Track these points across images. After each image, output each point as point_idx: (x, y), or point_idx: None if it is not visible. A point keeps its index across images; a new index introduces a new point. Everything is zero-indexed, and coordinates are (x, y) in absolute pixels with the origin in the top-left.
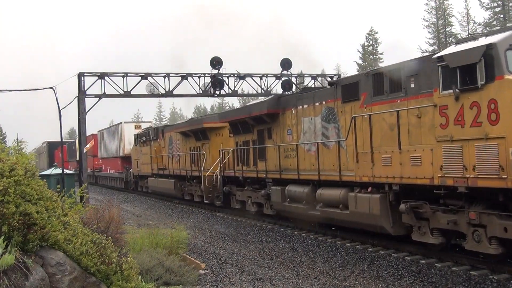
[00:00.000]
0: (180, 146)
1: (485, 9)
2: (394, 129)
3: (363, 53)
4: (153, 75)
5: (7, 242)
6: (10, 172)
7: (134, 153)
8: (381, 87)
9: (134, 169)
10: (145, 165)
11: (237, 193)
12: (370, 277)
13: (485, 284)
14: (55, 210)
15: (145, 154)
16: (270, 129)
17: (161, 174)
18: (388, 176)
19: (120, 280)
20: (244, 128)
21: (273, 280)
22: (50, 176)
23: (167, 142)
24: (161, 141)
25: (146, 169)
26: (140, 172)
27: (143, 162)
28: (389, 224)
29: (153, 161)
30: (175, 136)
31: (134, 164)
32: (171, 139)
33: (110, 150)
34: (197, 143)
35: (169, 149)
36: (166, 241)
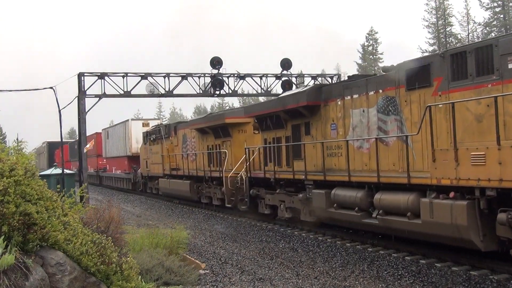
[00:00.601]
0: (196, 144)
1: (485, 9)
2: (482, 120)
3: (363, 53)
4: (153, 75)
5: (7, 242)
6: (10, 172)
7: (142, 152)
8: (463, 69)
9: (143, 169)
10: (155, 165)
11: (266, 196)
12: (370, 277)
13: (485, 284)
14: (55, 210)
15: (155, 153)
16: (308, 124)
17: (174, 175)
18: (481, 179)
19: (120, 280)
20: (275, 123)
21: (273, 280)
22: (50, 176)
23: (181, 140)
24: (174, 139)
25: (156, 169)
26: (150, 173)
27: (153, 161)
28: (479, 238)
29: (164, 160)
30: (190, 133)
31: (143, 164)
32: (185, 137)
33: (115, 149)
34: (216, 141)
35: (183, 147)
36: (166, 241)
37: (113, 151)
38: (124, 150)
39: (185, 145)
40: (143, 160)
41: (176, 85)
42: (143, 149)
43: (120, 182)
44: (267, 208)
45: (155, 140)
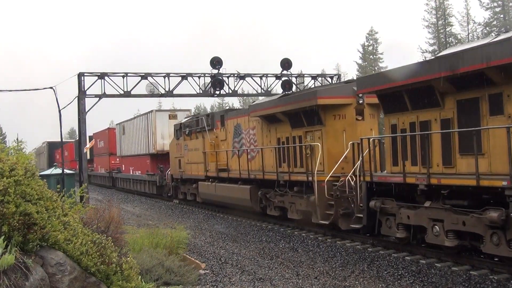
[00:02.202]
0: (258, 137)
1: (485, 9)
2: None
3: (363, 53)
4: (153, 75)
5: (7, 242)
6: (10, 172)
7: (173, 149)
8: None
9: (174, 170)
10: (193, 164)
11: (402, 212)
12: (370, 277)
13: (485, 284)
14: (55, 210)
15: (193, 150)
16: (497, 96)
17: (223, 177)
18: None
19: (120, 280)
20: (419, 98)
21: (273, 280)
22: (50, 176)
23: (231, 132)
24: (221, 132)
25: (194, 170)
26: (184, 174)
27: (189, 160)
28: None
29: (208, 159)
30: (246, 123)
31: (174, 163)
32: (239, 128)
33: (134, 147)
34: (294, 131)
35: (235, 142)
36: (166, 241)
37: (130, 149)
38: (146, 147)
39: (238, 138)
40: (174, 159)
41: (176, 85)
42: (174, 145)
43: (140, 185)
44: (400, 230)
45: (193, 134)
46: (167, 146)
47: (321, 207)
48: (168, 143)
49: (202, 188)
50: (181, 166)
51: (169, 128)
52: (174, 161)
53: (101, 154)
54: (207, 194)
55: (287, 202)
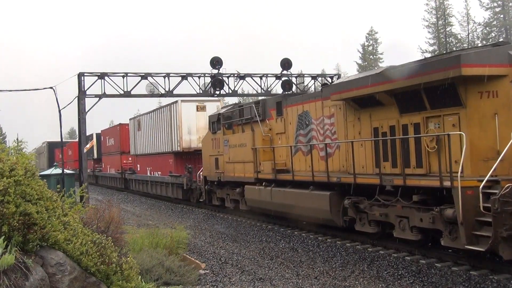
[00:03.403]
0: (340, 127)
1: (485, 9)
2: None
3: (363, 53)
4: (153, 75)
5: (7, 242)
6: (10, 172)
7: (207, 145)
8: None
9: (209, 171)
10: (236, 164)
11: None
12: (370, 277)
13: (485, 284)
14: (55, 210)
15: (236, 147)
16: None
17: (282, 180)
18: None
19: (120, 280)
20: None
21: (273, 280)
22: (50, 176)
23: (293, 123)
24: (276, 123)
25: (238, 171)
26: (224, 176)
27: (231, 159)
28: None
29: (259, 157)
30: (319, 110)
31: (209, 163)
32: (306, 117)
33: (153, 144)
34: (407, 118)
35: (300, 135)
36: (166, 241)
37: (148, 147)
38: (169, 145)
39: (305, 130)
40: (208, 158)
41: (176, 85)
42: (209, 141)
43: (162, 188)
44: None
45: (236, 127)
46: (195, 143)
47: (467, 225)
48: (195, 139)
49: (250, 193)
50: (219, 166)
51: (197, 122)
52: (208, 160)
53: (111, 153)
54: (258, 201)
55: (394, 215)
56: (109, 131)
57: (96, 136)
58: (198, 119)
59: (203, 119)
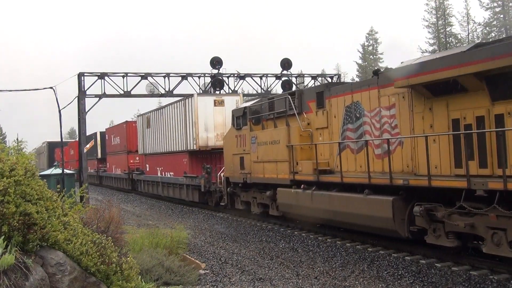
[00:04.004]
0: (403, 119)
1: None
2: None
3: (363, 53)
4: (153, 75)
5: (7, 242)
6: (10, 172)
7: (231, 143)
8: None
9: (232, 171)
10: (266, 164)
11: None
12: (370, 277)
13: (485, 284)
14: (55, 210)
15: (267, 144)
16: None
17: (324, 182)
18: None
19: (120, 280)
20: None
21: (273, 280)
22: (50, 176)
23: (339, 116)
24: (317, 117)
25: (269, 171)
26: (251, 177)
27: (260, 158)
28: None
29: (296, 156)
30: (374, 100)
31: (233, 162)
32: (357, 108)
33: (164, 142)
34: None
35: (348, 130)
36: (166, 241)
37: (159, 145)
38: (183, 143)
39: (354, 124)
40: (232, 157)
41: (176, 85)
42: (233, 138)
43: (175, 191)
44: None
45: (266, 121)
46: (212, 141)
47: None
48: (213, 137)
49: (284, 197)
50: (245, 166)
51: (214, 118)
52: (231, 160)
53: (116, 152)
54: (295, 206)
55: (483, 227)
56: (115, 129)
57: (100, 134)
58: (216, 115)
59: (221, 115)
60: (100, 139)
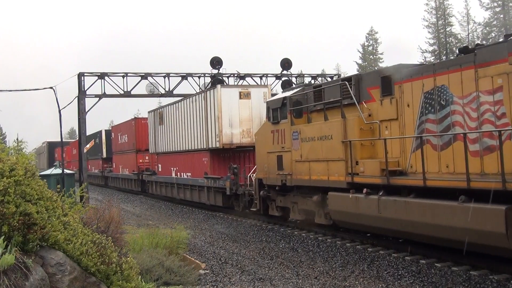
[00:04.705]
0: None
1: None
2: None
3: (363, 53)
4: (153, 75)
5: (7, 242)
6: (10, 172)
7: (265, 139)
8: None
9: (267, 172)
10: (313, 163)
11: None
12: (370, 277)
13: (485, 284)
14: (55, 210)
15: (313, 140)
16: None
17: (395, 186)
18: None
19: (120, 280)
20: None
21: (273, 280)
22: (50, 176)
23: (413, 105)
24: (381, 107)
25: (317, 172)
26: (293, 179)
27: (304, 156)
28: None
29: (355, 153)
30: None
31: (268, 162)
32: (442, 94)
33: (180, 140)
34: None
35: (428, 121)
36: (166, 241)
37: (173, 143)
38: (203, 140)
39: (437, 114)
40: (266, 156)
41: (176, 85)
42: (267, 134)
43: (193, 193)
44: None
45: (313, 114)
46: (237, 138)
47: None
48: (238, 133)
49: (338, 203)
50: (284, 165)
51: (240, 112)
52: (266, 159)
53: (123, 151)
54: (354, 215)
55: None
56: (122, 127)
57: (105, 133)
58: (242, 109)
59: (247, 108)
60: (106, 138)
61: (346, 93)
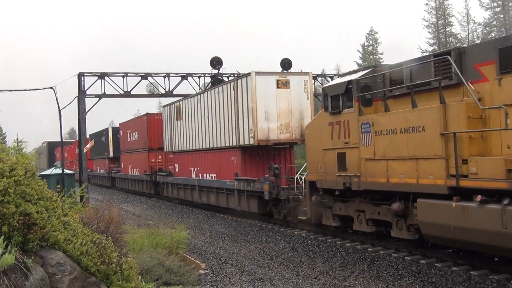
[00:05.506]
0: None
1: (485, 9)
2: None
3: (363, 53)
4: (153, 75)
5: (7, 242)
6: (10, 172)
7: (320, 133)
8: None
9: (323, 173)
10: (392, 162)
11: None
12: (370, 277)
13: (485, 284)
14: (55, 210)
15: (393, 133)
16: None
17: None
18: None
19: (120, 280)
20: None
21: (273, 280)
22: (50, 176)
23: None
24: (500, 87)
25: (401, 172)
26: (361, 182)
27: (380, 154)
28: None
29: (462, 149)
30: None
31: (324, 160)
32: None
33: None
34: None
35: None
36: (166, 241)
37: (194, 140)
38: (233, 136)
39: None
40: (321, 153)
41: (176, 85)
42: (323, 126)
43: (220, 198)
44: None
45: (391, 100)
46: (275, 133)
47: None
48: (275, 128)
49: (435, 213)
50: (348, 165)
51: (277, 103)
52: (322, 157)
53: (134, 150)
54: (463, 230)
55: None
56: (132, 124)
57: (112, 130)
58: (279, 100)
59: (286, 99)
60: (112, 136)
61: (444, 71)
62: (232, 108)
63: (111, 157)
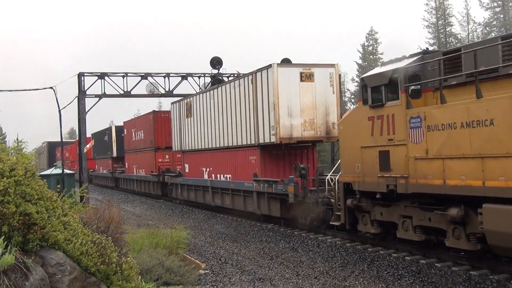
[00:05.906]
0: None
1: (485, 9)
2: None
3: (363, 53)
4: (153, 75)
5: (7, 242)
6: (10, 172)
7: (357, 129)
8: None
9: (361, 173)
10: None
11: None
12: (370, 277)
13: (485, 284)
14: (55, 210)
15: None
16: None
17: None
18: None
19: (120, 280)
20: None
21: (273, 280)
22: (50, 176)
23: None
24: None
25: (460, 173)
26: (410, 184)
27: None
28: None
29: None
30: None
31: (362, 159)
32: None
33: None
34: None
35: None
36: (166, 241)
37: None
38: (251, 134)
39: None
40: (359, 152)
41: (176, 85)
42: (361, 121)
43: (236, 200)
44: None
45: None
46: (298, 130)
47: None
48: (299, 124)
49: (509, 222)
50: (393, 165)
51: (301, 98)
52: (359, 156)
53: (139, 150)
54: None
55: None
56: (137, 122)
57: (116, 129)
58: (303, 94)
59: (310, 93)
60: (116, 135)
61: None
62: (250, 104)
63: (115, 157)
